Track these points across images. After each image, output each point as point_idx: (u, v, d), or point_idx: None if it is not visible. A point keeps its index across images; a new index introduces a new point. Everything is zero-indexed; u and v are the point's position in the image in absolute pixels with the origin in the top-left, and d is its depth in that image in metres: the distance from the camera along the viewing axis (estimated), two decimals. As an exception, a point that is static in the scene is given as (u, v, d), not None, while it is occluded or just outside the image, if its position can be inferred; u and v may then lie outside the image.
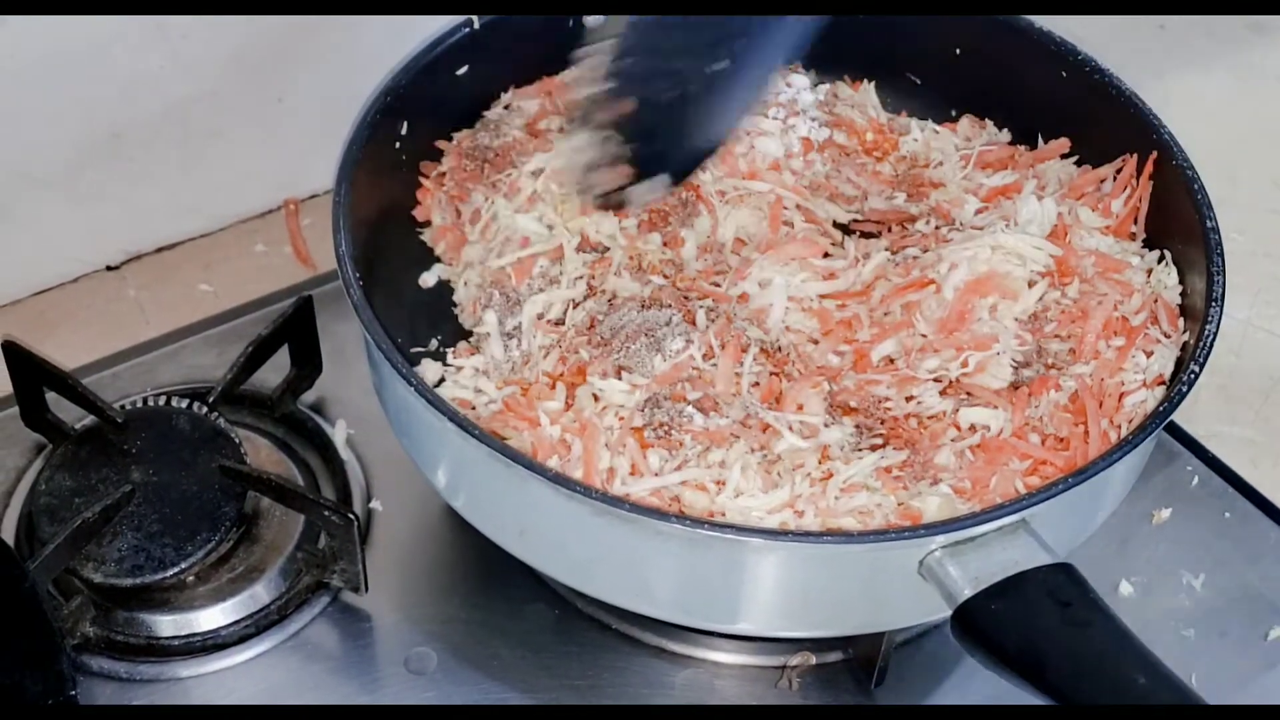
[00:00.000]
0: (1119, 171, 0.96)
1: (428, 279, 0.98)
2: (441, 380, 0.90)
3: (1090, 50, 0.98)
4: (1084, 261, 0.92)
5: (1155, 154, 0.94)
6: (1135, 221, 0.95)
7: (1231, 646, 0.94)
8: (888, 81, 1.07)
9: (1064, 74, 0.98)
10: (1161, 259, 0.93)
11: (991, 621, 0.73)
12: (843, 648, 0.91)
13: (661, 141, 0.88)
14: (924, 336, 0.89)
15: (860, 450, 0.85)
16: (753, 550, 0.77)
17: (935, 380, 0.88)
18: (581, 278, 0.93)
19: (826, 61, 1.06)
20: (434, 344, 0.95)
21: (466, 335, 0.95)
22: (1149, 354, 0.88)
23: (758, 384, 0.86)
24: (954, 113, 1.06)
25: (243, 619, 0.92)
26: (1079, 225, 0.94)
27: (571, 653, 0.91)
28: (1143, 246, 0.95)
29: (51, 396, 0.98)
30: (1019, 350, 0.88)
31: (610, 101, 0.85)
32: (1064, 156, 1.01)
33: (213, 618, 0.91)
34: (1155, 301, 0.90)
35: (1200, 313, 0.86)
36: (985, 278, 0.90)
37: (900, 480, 0.83)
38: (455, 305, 0.97)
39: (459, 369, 0.91)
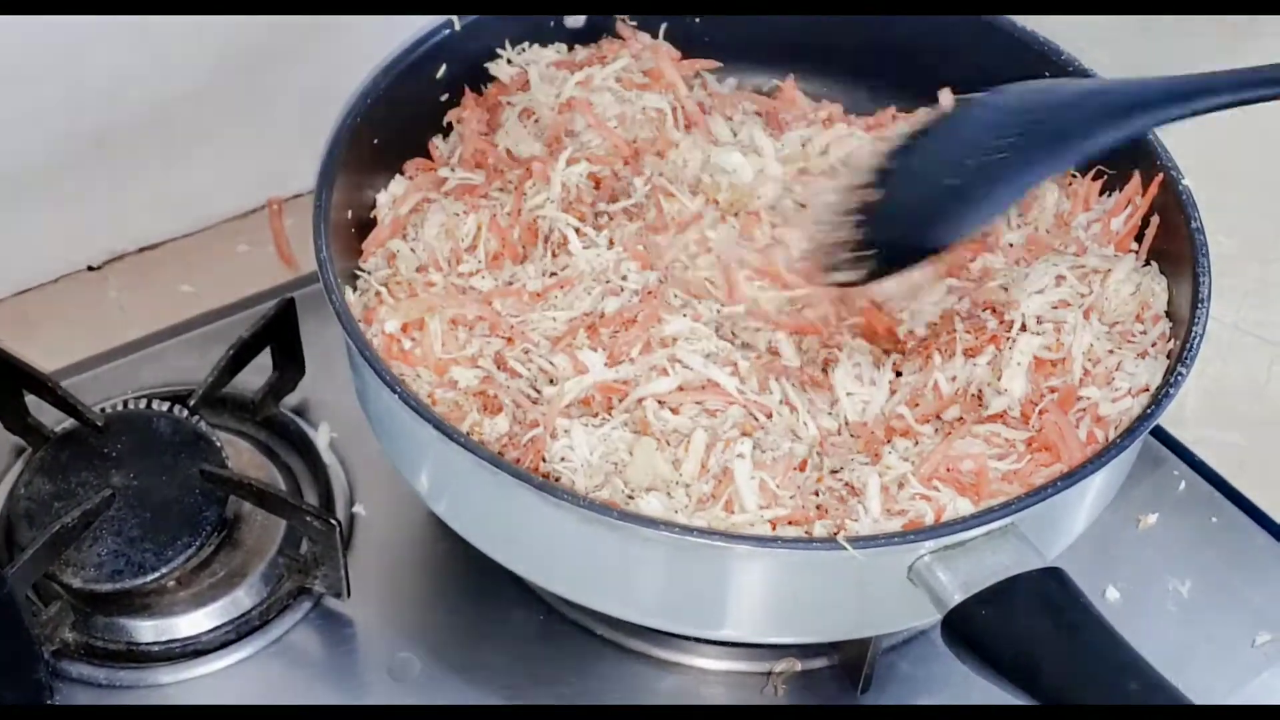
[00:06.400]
0: (1119, 187, 0.96)
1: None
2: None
3: (1074, 52, 0.98)
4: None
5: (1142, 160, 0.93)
6: (1138, 241, 0.94)
7: (1218, 652, 0.93)
8: (863, 81, 1.06)
9: (1046, 74, 0.98)
10: (1147, 265, 0.92)
11: (982, 627, 0.72)
12: (829, 653, 0.91)
13: (899, 231, 0.84)
14: None
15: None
16: (739, 557, 0.76)
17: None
18: None
19: (801, 61, 1.05)
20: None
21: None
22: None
23: None
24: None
25: (224, 624, 0.91)
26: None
27: (556, 659, 0.91)
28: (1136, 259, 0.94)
29: (31, 399, 0.97)
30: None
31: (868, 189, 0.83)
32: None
33: (193, 623, 0.91)
34: (1144, 310, 0.89)
35: (1186, 317, 0.85)
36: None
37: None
38: None
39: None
